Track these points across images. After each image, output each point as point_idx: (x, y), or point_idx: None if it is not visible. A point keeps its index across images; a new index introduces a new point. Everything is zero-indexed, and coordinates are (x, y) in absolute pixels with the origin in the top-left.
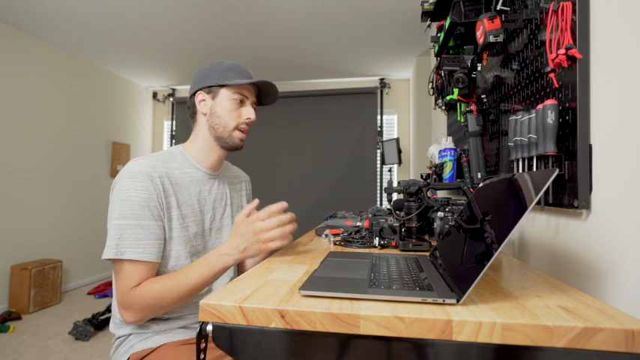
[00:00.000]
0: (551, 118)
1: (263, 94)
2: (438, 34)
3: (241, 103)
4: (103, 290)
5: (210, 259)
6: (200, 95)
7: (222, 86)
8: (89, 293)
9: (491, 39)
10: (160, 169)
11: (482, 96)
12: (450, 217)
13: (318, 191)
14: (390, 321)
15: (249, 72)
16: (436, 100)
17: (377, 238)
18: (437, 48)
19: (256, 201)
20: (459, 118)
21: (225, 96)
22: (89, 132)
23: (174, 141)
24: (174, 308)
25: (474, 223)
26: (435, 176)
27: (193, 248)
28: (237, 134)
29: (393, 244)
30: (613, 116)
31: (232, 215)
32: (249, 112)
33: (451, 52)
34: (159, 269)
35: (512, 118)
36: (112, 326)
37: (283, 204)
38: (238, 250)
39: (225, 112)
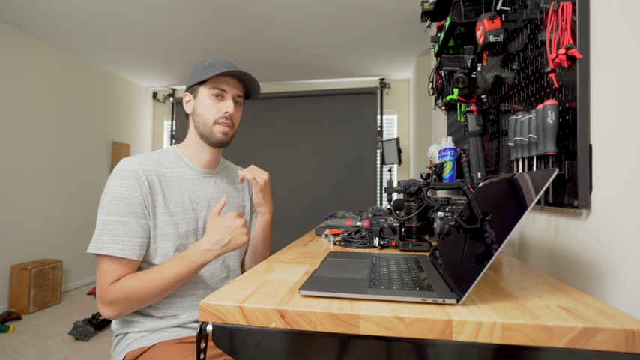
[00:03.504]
0: (551, 118)
1: (247, 86)
2: (438, 34)
3: (220, 97)
4: None
5: (190, 255)
6: (186, 97)
7: (200, 84)
8: (89, 293)
9: (491, 39)
10: (148, 167)
11: (482, 96)
12: (450, 217)
13: (318, 191)
14: (390, 321)
15: (233, 65)
16: (436, 100)
17: (377, 238)
18: (437, 48)
19: (224, 199)
20: (459, 118)
21: (204, 93)
22: (89, 132)
23: (174, 141)
24: (155, 302)
25: (474, 223)
26: (435, 176)
27: (183, 246)
28: (218, 129)
29: (393, 244)
30: (613, 116)
31: None
32: (226, 106)
33: (451, 52)
34: (146, 266)
35: (512, 118)
36: (112, 323)
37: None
38: (221, 244)
39: (204, 108)
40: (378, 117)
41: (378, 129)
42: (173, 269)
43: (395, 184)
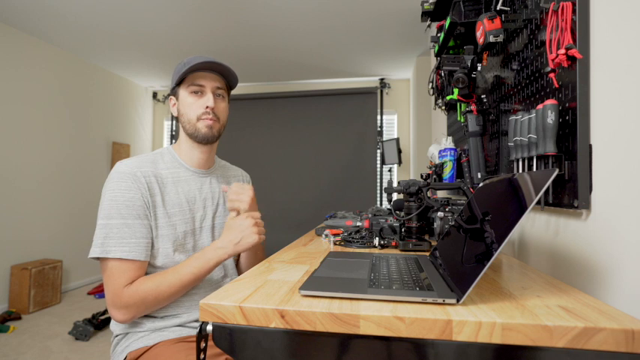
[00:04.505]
0: (551, 118)
1: (226, 77)
2: (438, 34)
3: (200, 94)
4: (103, 290)
5: (205, 254)
6: (171, 101)
7: (179, 85)
8: (89, 293)
9: (491, 39)
10: (145, 169)
11: (483, 96)
12: (450, 217)
13: (318, 191)
14: (390, 321)
15: (208, 58)
16: (436, 100)
17: (377, 238)
18: (437, 48)
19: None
20: (459, 118)
21: (184, 93)
22: (89, 132)
23: (174, 141)
24: (170, 303)
25: (474, 223)
26: (435, 176)
27: (181, 247)
28: (202, 124)
29: (393, 244)
30: (613, 116)
31: (225, 214)
32: (206, 101)
33: (451, 52)
34: (148, 268)
35: (512, 118)
36: (111, 324)
37: None
38: (233, 242)
39: (186, 107)
40: (378, 117)
41: (378, 129)
42: (189, 269)
43: (395, 184)
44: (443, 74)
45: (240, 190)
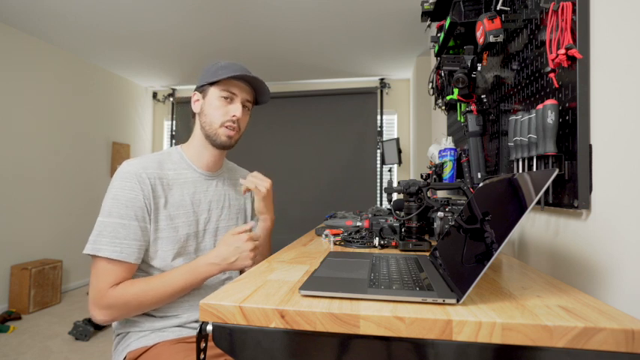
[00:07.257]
0: (551, 118)
1: (257, 92)
2: (438, 34)
3: (230, 100)
4: None
5: (198, 268)
6: (195, 96)
7: (211, 84)
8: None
9: (491, 39)
10: (151, 170)
11: (483, 96)
12: (450, 217)
13: (318, 191)
14: (389, 321)
15: (246, 70)
16: (436, 100)
17: (377, 238)
18: (437, 48)
19: (249, 225)
20: (459, 118)
21: (214, 94)
22: (89, 132)
23: (174, 141)
24: (153, 309)
25: (474, 223)
26: (435, 176)
27: (183, 249)
28: (223, 131)
29: (393, 244)
30: (613, 116)
31: (230, 217)
32: (235, 110)
33: (451, 52)
34: (145, 269)
35: (512, 118)
36: (113, 322)
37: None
38: (227, 261)
39: (212, 109)
40: (378, 117)
41: (378, 129)
42: (177, 280)
43: (395, 184)
44: (443, 74)
45: (262, 177)
